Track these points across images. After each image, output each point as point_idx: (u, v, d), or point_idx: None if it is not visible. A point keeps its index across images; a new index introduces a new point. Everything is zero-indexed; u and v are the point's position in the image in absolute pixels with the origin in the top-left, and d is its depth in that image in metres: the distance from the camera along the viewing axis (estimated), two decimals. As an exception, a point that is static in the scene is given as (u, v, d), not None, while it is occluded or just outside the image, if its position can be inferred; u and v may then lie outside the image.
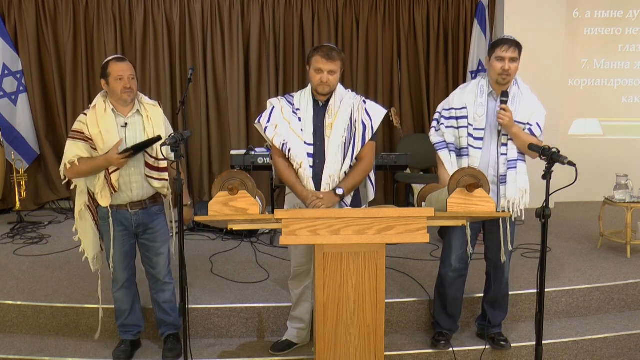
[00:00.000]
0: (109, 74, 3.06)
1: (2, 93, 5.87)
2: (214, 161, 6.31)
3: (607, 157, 6.43)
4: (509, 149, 3.14)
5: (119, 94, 3.06)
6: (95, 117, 3.06)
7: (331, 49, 2.99)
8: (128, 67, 3.09)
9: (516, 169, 3.15)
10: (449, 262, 3.30)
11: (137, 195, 3.14)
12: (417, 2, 6.29)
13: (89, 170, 3.07)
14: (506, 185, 3.14)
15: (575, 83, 6.58)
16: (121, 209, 3.14)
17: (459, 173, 2.68)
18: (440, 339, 3.42)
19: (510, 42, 3.09)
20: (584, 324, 3.74)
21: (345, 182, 3.02)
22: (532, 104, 3.18)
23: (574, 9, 6.42)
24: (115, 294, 3.30)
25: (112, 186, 3.05)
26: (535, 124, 3.15)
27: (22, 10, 5.93)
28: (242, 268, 4.32)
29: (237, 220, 2.59)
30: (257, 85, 6.22)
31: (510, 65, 3.07)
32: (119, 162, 3.01)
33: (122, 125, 3.10)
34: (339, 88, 3.09)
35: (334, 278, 2.60)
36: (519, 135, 3.10)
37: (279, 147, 3.04)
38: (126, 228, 3.18)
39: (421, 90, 6.38)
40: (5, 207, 5.99)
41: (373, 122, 3.06)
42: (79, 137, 3.08)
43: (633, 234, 4.52)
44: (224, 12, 6.09)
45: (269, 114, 3.09)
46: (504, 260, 3.26)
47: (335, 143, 3.02)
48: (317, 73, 2.98)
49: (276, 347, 3.39)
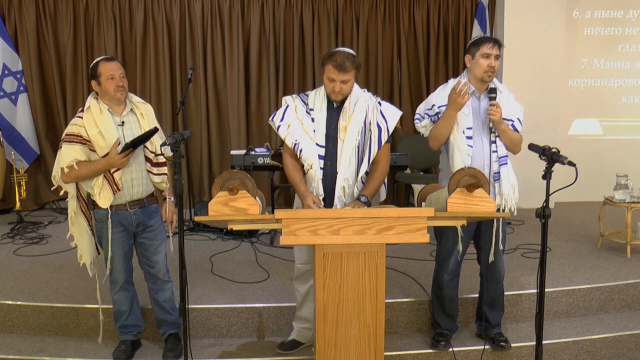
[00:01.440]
0: (99, 74, 3.05)
1: (2, 93, 5.87)
2: (214, 161, 6.32)
3: (607, 157, 6.44)
4: (498, 146, 3.16)
5: (112, 93, 3.05)
6: (91, 117, 3.04)
7: (345, 58, 2.90)
8: (118, 66, 3.08)
9: (507, 165, 3.18)
10: (446, 265, 3.30)
11: (138, 192, 3.13)
12: (417, 2, 6.30)
13: (88, 174, 3.03)
14: (500, 181, 3.15)
15: (575, 83, 6.58)
16: (120, 209, 3.13)
17: (459, 173, 2.68)
18: (441, 339, 3.42)
19: (494, 40, 3.14)
20: (584, 324, 3.73)
21: (368, 189, 3.02)
22: (512, 101, 3.24)
23: (574, 9, 6.42)
24: (114, 296, 3.28)
25: (116, 184, 3.04)
26: (517, 119, 3.21)
27: (22, 10, 5.93)
28: (242, 268, 4.32)
29: (237, 220, 2.59)
30: (257, 85, 6.22)
31: (496, 63, 3.11)
32: (121, 162, 3.00)
33: (118, 124, 3.09)
34: (355, 88, 3.04)
35: (334, 278, 2.59)
36: (507, 131, 3.14)
37: (291, 146, 3.02)
38: (125, 229, 3.17)
39: (421, 91, 6.38)
40: (5, 207, 6.00)
41: (388, 124, 3.03)
42: (76, 140, 3.04)
43: (633, 234, 4.52)
44: (224, 12, 6.09)
45: (282, 113, 3.07)
46: (491, 260, 3.26)
47: (350, 146, 2.99)
48: (330, 82, 2.95)
49: (283, 346, 3.39)
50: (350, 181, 3.01)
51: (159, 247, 3.27)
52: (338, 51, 2.95)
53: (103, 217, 3.12)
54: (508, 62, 6.01)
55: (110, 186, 3.05)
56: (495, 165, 3.16)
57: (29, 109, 6.02)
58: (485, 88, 3.18)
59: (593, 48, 6.52)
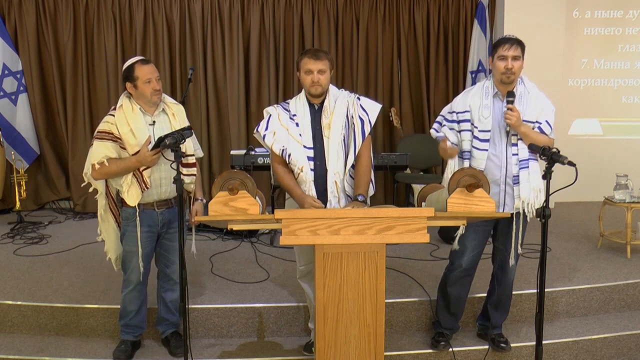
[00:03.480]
0: (136, 77, 3.05)
1: (2, 93, 5.87)
2: (214, 161, 6.31)
3: (607, 157, 6.44)
4: (520, 149, 3.11)
5: (149, 96, 3.07)
6: (123, 116, 3.06)
7: (317, 49, 3.05)
8: (154, 69, 3.10)
9: (528, 169, 3.11)
10: (459, 262, 3.27)
11: (166, 191, 3.15)
12: (417, 2, 6.29)
13: (118, 171, 3.05)
14: (519, 185, 3.10)
15: (575, 83, 6.58)
16: (148, 209, 3.14)
17: (459, 173, 2.68)
18: (441, 339, 3.41)
19: (512, 41, 3.09)
20: (584, 324, 3.74)
21: (361, 187, 3.04)
22: (540, 102, 3.16)
23: (574, 9, 6.42)
24: (125, 295, 3.27)
25: (145, 182, 3.05)
26: (545, 121, 3.13)
27: (22, 10, 5.93)
28: (242, 268, 4.32)
29: (237, 220, 2.59)
30: (257, 85, 6.22)
31: (514, 64, 3.05)
32: (152, 159, 3.01)
33: (149, 123, 3.11)
34: (332, 89, 3.11)
35: (334, 278, 2.60)
36: (528, 135, 3.07)
37: (279, 153, 3.05)
38: (151, 229, 3.18)
39: (421, 90, 6.38)
40: (5, 207, 5.99)
41: (370, 116, 3.09)
42: (107, 138, 3.06)
43: (633, 234, 4.52)
44: (224, 12, 6.09)
45: (266, 122, 3.11)
46: (512, 263, 3.24)
47: (335, 141, 3.04)
48: (308, 74, 3.01)
49: (307, 348, 3.41)
50: (341, 175, 3.05)
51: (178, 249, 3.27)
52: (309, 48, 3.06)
53: (130, 216, 3.14)
54: (508, 62, 6.02)
55: (139, 184, 3.06)
56: (515, 169, 3.11)
57: (29, 109, 6.02)
58: (510, 89, 3.13)
59: (593, 48, 6.52)
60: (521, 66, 3.10)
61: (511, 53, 3.06)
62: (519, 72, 3.11)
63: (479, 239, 3.23)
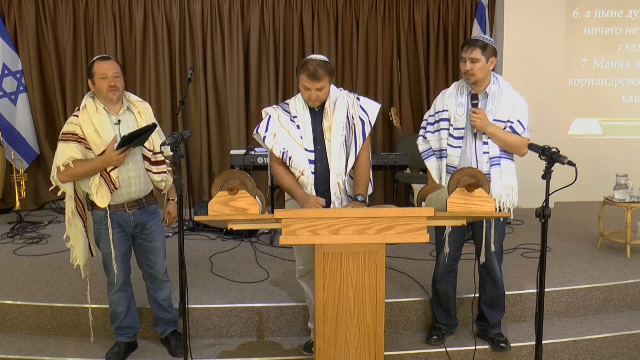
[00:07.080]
0: (94, 73, 3.04)
1: (2, 93, 5.87)
2: (214, 161, 6.32)
3: (607, 157, 6.44)
4: (491, 147, 3.16)
5: (105, 92, 3.03)
6: (88, 116, 3.03)
7: (318, 66, 2.91)
8: (113, 66, 3.05)
9: (500, 167, 3.16)
10: (438, 260, 3.39)
11: (136, 191, 3.11)
12: (417, 2, 6.30)
13: (84, 172, 3.00)
14: (491, 183, 3.14)
15: (575, 83, 6.58)
16: (119, 210, 3.11)
17: (459, 173, 2.68)
18: (434, 333, 3.47)
19: (472, 43, 3.11)
20: (584, 324, 3.74)
21: (361, 187, 3.05)
22: (512, 101, 3.17)
23: (574, 9, 6.42)
24: (112, 298, 3.27)
25: (113, 183, 3.02)
26: (517, 121, 3.16)
27: (22, 10, 5.93)
28: (242, 268, 4.32)
29: (237, 220, 2.59)
30: (257, 85, 6.22)
31: (472, 66, 3.09)
32: (118, 159, 2.96)
33: (115, 122, 3.07)
34: (332, 89, 3.08)
35: (334, 278, 2.60)
36: (497, 135, 3.13)
37: (279, 155, 3.04)
38: (123, 230, 3.15)
39: (421, 91, 6.38)
40: (5, 207, 6.00)
41: (370, 117, 3.09)
42: (72, 139, 3.01)
43: (633, 234, 4.52)
44: (224, 12, 6.09)
45: (266, 124, 3.08)
46: (482, 261, 3.29)
47: (337, 144, 3.03)
48: (306, 90, 2.99)
49: (307, 348, 3.41)
50: (343, 176, 3.05)
51: (159, 248, 3.27)
52: (310, 60, 2.97)
53: (102, 218, 3.11)
54: (508, 62, 6.01)
55: (108, 185, 3.02)
56: (487, 167, 3.15)
57: (29, 109, 6.02)
58: (481, 89, 3.17)
59: (593, 48, 6.52)
60: (483, 68, 3.10)
61: (469, 55, 3.09)
62: (479, 74, 3.11)
63: (454, 235, 3.28)
